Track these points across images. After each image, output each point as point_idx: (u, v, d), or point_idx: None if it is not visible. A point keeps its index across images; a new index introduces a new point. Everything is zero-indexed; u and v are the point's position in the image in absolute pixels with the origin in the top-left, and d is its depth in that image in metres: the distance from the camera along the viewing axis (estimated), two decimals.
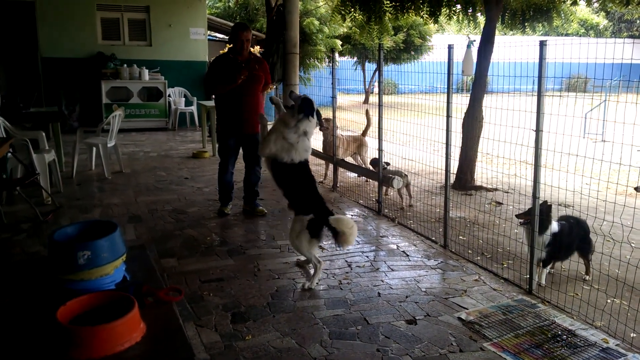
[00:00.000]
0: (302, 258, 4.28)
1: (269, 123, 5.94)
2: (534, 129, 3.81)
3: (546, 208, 3.96)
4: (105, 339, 1.42)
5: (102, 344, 1.41)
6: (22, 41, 12.24)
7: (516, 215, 4.21)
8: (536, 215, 3.86)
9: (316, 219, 3.90)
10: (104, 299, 1.59)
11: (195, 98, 12.77)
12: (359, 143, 7.69)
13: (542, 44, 3.67)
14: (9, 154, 5.64)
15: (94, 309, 1.57)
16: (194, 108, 12.74)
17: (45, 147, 6.43)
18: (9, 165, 5.90)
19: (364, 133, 7.69)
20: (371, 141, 7.46)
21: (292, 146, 4.01)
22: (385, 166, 6.26)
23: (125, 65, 11.95)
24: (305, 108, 4.05)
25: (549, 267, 4.14)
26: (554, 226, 4.02)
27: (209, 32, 14.33)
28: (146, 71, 12.10)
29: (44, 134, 6.51)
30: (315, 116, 4.14)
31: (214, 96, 5.79)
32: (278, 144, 4.04)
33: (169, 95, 12.53)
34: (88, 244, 1.70)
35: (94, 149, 7.65)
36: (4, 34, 11.98)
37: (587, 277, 4.17)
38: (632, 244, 4.54)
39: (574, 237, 4.08)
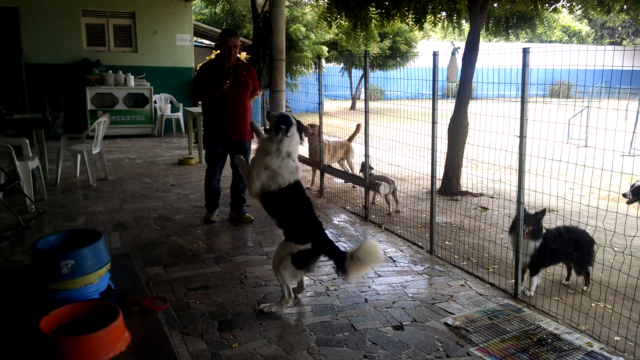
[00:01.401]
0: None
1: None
2: (518, 135, 3.85)
3: (541, 215, 3.98)
4: (89, 349, 1.41)
5: (86, 354, 1.40)
6: (5, 47, 12.10)
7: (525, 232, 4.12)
8: (521, 220, 3.89)
9: (312, 249, 3.51)
10: (88, 309, 1.58)
11: (181, 104, 12.73)
12: (345, 149, 7.72)
13: (525, 51, 3.72)
14: None
15: (78, 319, 1.55)
16: (180, 114, 12.69)
17: (29, 154, 6.35)
18: None
19: (351, 138, 7.72)
20: (358, 147, 7.49)
21: (275, 172, 3.57)
22: (370, 170, 6.27)
23: (110, 71, 11.88)
24: (282, 126, 3.63)
25: (539, 276, 4.08)
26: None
27: (195, 38, 14.31)
28: (132, 77, 12.04)
29: (27, 140, 6.44)
30: (295, 130, 3.73)
31: (201, 103, 5.78)
32: (262, 177, 3.60)
33: (155, 102, 12.47)
34: (71, 252, 1.68)
35: (79, 155, 7.58)
36: None
37: (586, 288, 4.12)
38: (615, 248, 4.60)
39: (564, 246, 3.97)
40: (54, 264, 1.66)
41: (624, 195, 5.20)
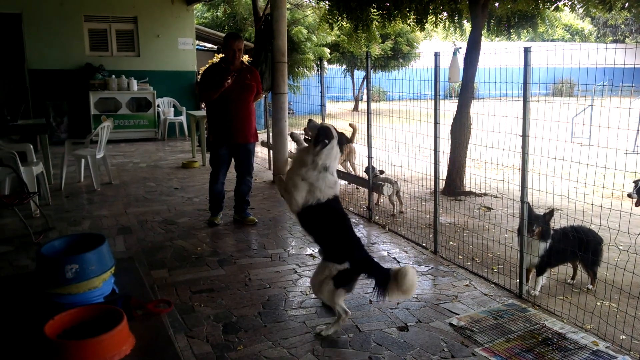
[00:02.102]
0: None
1: (258, 132, 5.97)
2: (521, 134, 3.85)
3: (549, 216, 3.96)
4: (94, 353, 1.41)
5: (90, 357, 1.40)
6: (8, 53, 12.18)
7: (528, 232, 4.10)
8: (525, 219, 3.89)
9: (351, 269, 3.28)
10: (92, 313, 1.58)
11: (184, 108, 12.76)
12: (348, 150, 7.73)
13: (527, 50, 3.72)
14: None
15: (82, 323, 1.55)
16: (183, 118, 12.72)
17: (33, 159, 6.38)
18: None
19: (351, 140, 7.74)
20: (360, 148, 7.49)
21: (313, 185, 3.31)
22: (378, 174, 6.28)
23: (113, 76, 11.93)
24: (322, 138, 3.37)
25: (544, 276, 4.07)
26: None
27: (197, 42, 14.34)
28: (135, 82, 12.08)
29: (31, 146, 6.48)
30: (335, 144, 3.41)
31: (203, 106, 5.80)
32: (301, 189, 3.32)
33: (158, 106, 12.51)
34: (75, 257, 1.69)
35: (83, 160, 7.60)
36: None
37: (591, 287, 4.11)
38: (620, 247, 4.58)
39: (572, 246, 3.93)
40: (58, 269, 1.67)
41: (629, 195, 5.06)
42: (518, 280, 3.98)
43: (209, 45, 17.20)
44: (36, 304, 1.73)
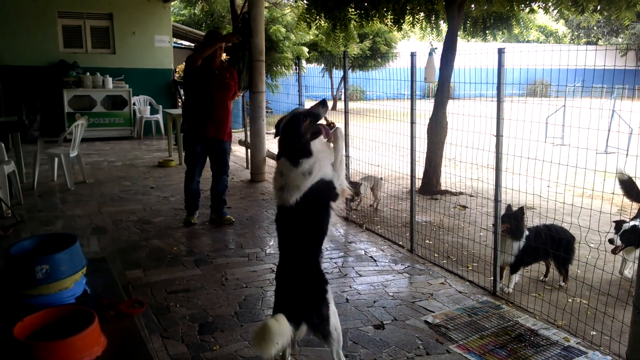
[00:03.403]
0: None
1: (236, 131, 5.94)
2: (495, 134, 3.90)
3: (520, 213, 4.03)
4: (64, 355, 1.39)
5: (61, 359, 1.39)
6: None
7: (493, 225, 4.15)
8: (499, 219, 3.95)
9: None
10: (63, 314, 1.56)
11: (160, 106, 12.62)
12: None
13: (501, 51, 3.77)
14: None
15: (53, 324, 1.53)
16: (159, 116, 12.58)
17: (4, 158, 6.24)
18: None
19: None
20: None
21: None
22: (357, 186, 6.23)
23: (88, 73, 11.73)
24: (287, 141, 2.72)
25: (517, 274, 4.13)
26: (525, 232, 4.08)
27: (174, 39, 14.20)
28: (110, 79, 11.91)
29: (2, 144, 6.33)
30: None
31: (180, 102, 5.76)
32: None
33: (134, 104, 12.35)
34: (46, 257, 1.66)
35: (56, 159, 7.46)
36: None
37: (564, 284, 4.17)
38: (591, 245, 4.68)
39: (545, 244, 4.01)
40: (28, 269, 1.64)
41: (611, 241, 4.11)
42: (492, 278, 4.04)
43: (186, 43, 17.05)
44: (5, 305, 1.70)
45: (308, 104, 7.37)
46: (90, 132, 11.11)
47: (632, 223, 4.18)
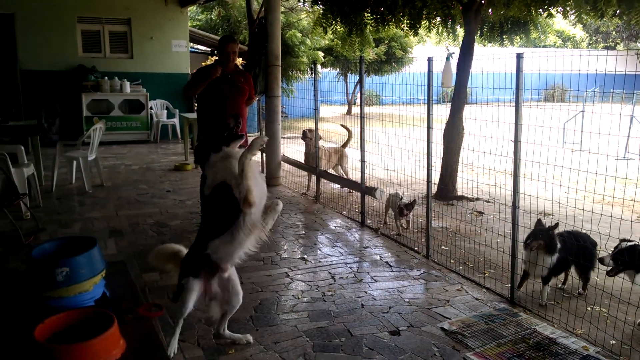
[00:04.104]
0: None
1: (249, 135, 5.96)
2: (513, 139, 3.87)
3: (553, 229, 3.95)
4: (84, 357, 1.40)
5: None
6: (1, 54, 12.09)
7: (525, 243, 4.08)
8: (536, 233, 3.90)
9: None
10: (83, 316, 1.57)
11: (177, 110, 12.73)
12: (340, 154, 7.74)
13: (519, 56, 3.74)
14: None
15: (73, 327, 1.54)
16: (176, 120, 12.69)
17: (24, 161, 6.34)
18: None
19: (345, 145, 7.77)
20: (352, 152, 7.51)
21: None
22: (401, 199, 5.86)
23: (106, 77, 11.88)
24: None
25: (549, 285, 4.01)
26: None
27: (190, 44, 14.32)
28: (127, 83, 12.04)
29: (22, 147, 6.42)
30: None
31: (196, 107, 5.78)
32: None
33: (151, 108, 12.47)
34: (66, 260, 1.68)
35: (74, 162, 7.56)
36: None
37: (582, 292, 4.10)
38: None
39: (571, 253, 3.90)
40: (49, 272, 1.66)
41: (601, 261, 3.71)
42: (509, 285, 4.00)
43: (203, 48, 17.20)
44: (27, 306, 1.72)
45: (323, 109, 7.35)
46: (107, 136, 11.24)
47: (633, 243, 3.64)
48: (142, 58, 12.62)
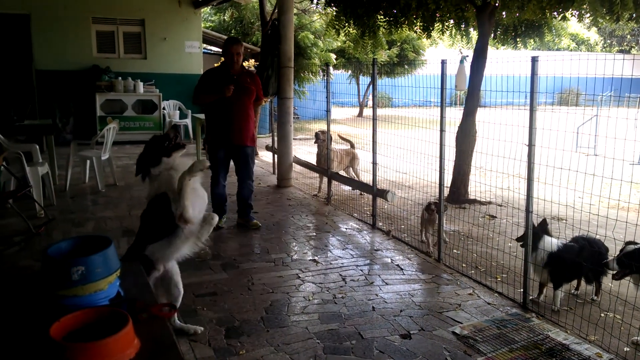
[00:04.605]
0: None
1: (260, 137, 5.97)
2: (527, 143, 3.84)
3: (540, 225, 3.94)
4: (99, 356, 1.41)
5: None
6: (16, 54, 12.23)
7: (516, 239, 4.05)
8: (530, 229, 3.87)
9: None
10: (98, 315, 1.58)
11: (189, 111, 12.80)
12: (351, 157, 7.74)
13: (534, 60, 3.72)
14: (2, 167, 5.61)
15: (88, 325, 1.55)
16: (188, 121, 12.75)
17: (38, 160, 6.41)
18: (2, 178, 5.87)
19: (353, 145, 7.79)
20: (363, 154, 7.49)
21: None
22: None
23: (120, 77, 11.97)
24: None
25: (562, 290, 3.96)
26: (551, 245, 3.94)
27: (203, 45, 14.39)
28: (141, 84, 12.12)
29: (37, 146, 6.50)
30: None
31: (201, 105, 5.81)
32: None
33: (164, 108, 12.54)
34: (82, 259, 1.68)
35: (88, 161, 7.62)
36: None
37: (596, 298, 4.06)
38: None
39: (584, 259, 3.83)
40: (65, 270, 1.67)
41: (606, 264, 3.66)
42: (522, 290, 3.97)
43: (215, 49, 17.26)
44: (42, 305, 1.73)
45: (335, 110, 7.34)
46: (120, 136, 11.30)
47: (639, 246, 3.50)
48: (155, 59, 12.70)
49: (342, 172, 7.58)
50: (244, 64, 5.72)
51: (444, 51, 29.93)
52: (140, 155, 3.28)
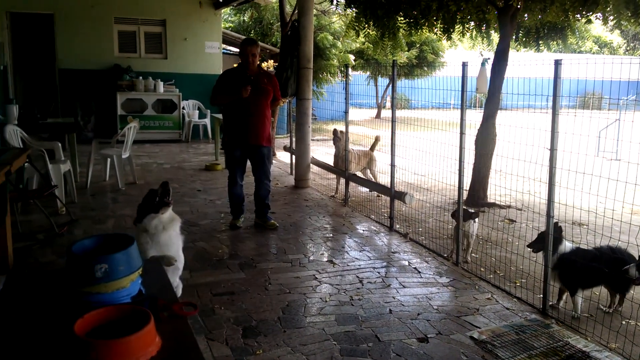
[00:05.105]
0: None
1: (281, 137, 5.99)
2: (548, 147, 3.79)
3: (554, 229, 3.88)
4: (122, 353, 1.42)
5: (118, 357, 1.42)
6: (40, 52, 12.46)
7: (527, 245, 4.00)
8: (550, 235, 3.82)
9: None
10: (121, 313, 1.60)
11: (208, 111, 12.89)
12: (368, 158, 7.72)
13: (557, 63, 3.67)
14: (26, 164, 5.71)
15: (111, 323, 1.57)
16: (207, 120, 12.85)
17: (61, 157, 6.51)
18: (26, 174, 5.97)
19: (372, 148, 7.75)
20: (381, 156, 7.47)
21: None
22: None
23: (140, 77, 12.10)
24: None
25: (581, 297, 3.87)
26: (564, 248, 3.88)
27: (223, 46, 14.48)
28: (161, 84, 12.24)
29: (60, 144, 6.59)
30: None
31: (218, 105, 5.85)
32: None
33: (183, 108, 12.65)
34: (105, 257, 1.71)
35: (109, 160, 7.72)
36: (23, 46, 12.20)
37: (619, 309, 3.96)
38: None
39: (604, 266, 3.73)
40: (89, 268, 1.69)
41: (625, 271, 3.60)
42: (541, 296, 3.92)
43: (235, 50, 17.35)
44: (65, 301, 1.76)
45: (352, 112, 7.31)
46: (140, 135, 11.42)
47: None
48: (175, 59, 12.82)
49: (359, 174, 7.57)
50: (262, 64, 5.73)
51: (463, 53, 29.74)
52: (139, 206, 3.54)
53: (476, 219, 5.01)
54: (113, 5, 12.15)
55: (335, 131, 7.49)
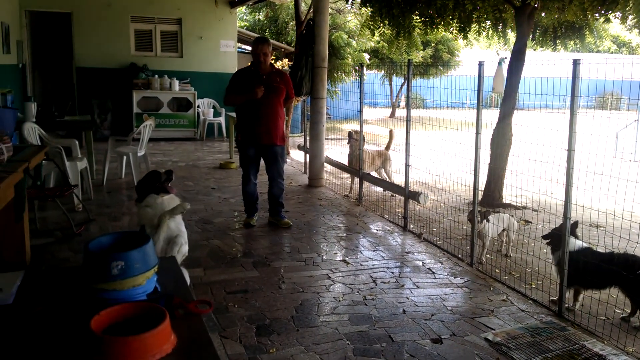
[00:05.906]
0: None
1: (295, 135, 5.99)
2: (566, 148, 3.75)
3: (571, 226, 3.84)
4: (138, 350, 1.43)
5: (134, 354, 1.43)
6: (58, 51, 12.61)
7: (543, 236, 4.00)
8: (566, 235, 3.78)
9: None
10: (136, 310, 1.61)
11: (223, 109, 12.94)
12: (383, 157, 7.69)
13: (576, 63, 3.62)
14: (44, 161, 5.77)
15: (126, 320, 1.59)
16: (222, 119, 12.90)
17: (78, 155, 6.57)
18: (43, 171, 6.04)
19: (387, 147, 7.72)
20: (396, 156, 7.44)
21: None
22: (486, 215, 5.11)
23: (156, 75, 12.19)
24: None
25: (578, 292, 3.89)
26: (574, 246, 3.84)
27: (238, 44, 14.53)
28: (176, 82, 12.32)
29: (77, 142, 6.66)
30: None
31: (231, 105, 5.87)
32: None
33: (198, 106, 12.72)
34: (122, 254, 1.72)
35: (125, 157, 7.79)
36: (41, 44, 12.36)
37: (634, 319, 3.80)
38: None
39: (615, 269, 3.65)
40: (105, 265, 1.71)
41: (638, 275, 3.54)
42: (557, 298, 3.87)
43: (249, 48, 17.41)
44: (82, 297, 1.78)
45: (367, 111, 7.29)
46: (156, 133, 11.51)
47: None
48: (191, 57, 12.89)
49: (373, 173, 7.55)
50: (276, 63, 5.74)
51: (479, 52, 29.49)
52: (139, 184, 3.73)
53: (489, 218, 4.95)
54: (130, 4, 12.25)
55: (350, 133, 7.48)
